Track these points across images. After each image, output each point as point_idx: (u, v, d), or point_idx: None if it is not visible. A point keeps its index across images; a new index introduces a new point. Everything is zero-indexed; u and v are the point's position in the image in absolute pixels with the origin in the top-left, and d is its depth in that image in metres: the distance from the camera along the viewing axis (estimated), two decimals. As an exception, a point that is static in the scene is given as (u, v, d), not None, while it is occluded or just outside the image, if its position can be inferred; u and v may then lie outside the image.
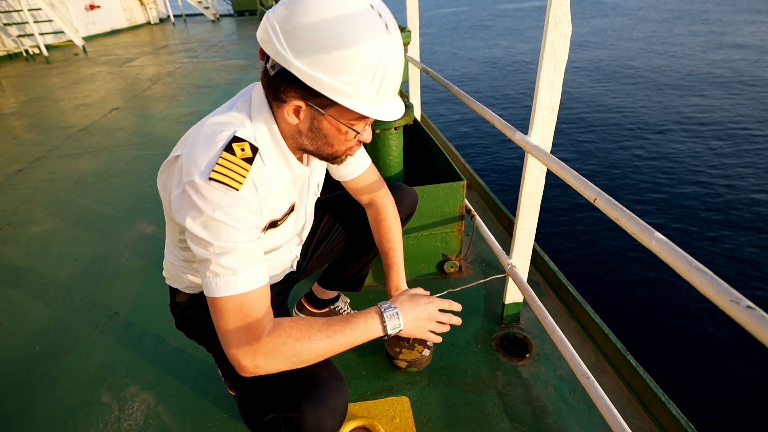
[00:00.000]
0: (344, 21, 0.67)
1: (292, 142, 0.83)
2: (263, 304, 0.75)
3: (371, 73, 0.70)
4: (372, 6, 0.70)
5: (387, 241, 1.13)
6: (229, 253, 0.72)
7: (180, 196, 0.73)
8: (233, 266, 0.72)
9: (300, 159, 0.90)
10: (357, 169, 1.10)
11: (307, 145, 0.82)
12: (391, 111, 0.78)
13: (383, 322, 0.82)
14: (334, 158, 0.85)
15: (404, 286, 1.11)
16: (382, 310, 0.83)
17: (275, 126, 0.81)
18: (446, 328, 0.92)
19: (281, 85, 0.74)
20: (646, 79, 8.00)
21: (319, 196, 1.12)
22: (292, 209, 0.94)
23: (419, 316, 0.87)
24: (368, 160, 1.13)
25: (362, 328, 0.80)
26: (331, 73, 0.69)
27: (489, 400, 1.30)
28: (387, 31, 0.71)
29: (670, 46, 10.64)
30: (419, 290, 0.93)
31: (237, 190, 0.72)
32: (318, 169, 1.02)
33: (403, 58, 0.77)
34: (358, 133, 0.80)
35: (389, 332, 0.83)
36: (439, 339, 0.94)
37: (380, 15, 0.70)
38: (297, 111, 0.76)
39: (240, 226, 0.73)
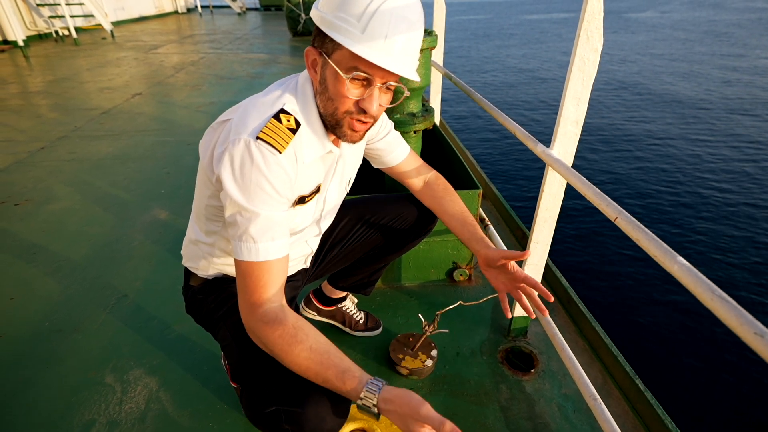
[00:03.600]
0: None
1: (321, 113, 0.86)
2: (274, 276, 0.79)
3: (361, 9, 0.72)
4: None
5: (457, 205, 1.15)
6: (254, 220, 0.77)
7: (225, 151, 0.77)
8: (255, 235, 0.77)
9: (335, 143, 0.92)
10: (399, 156, 1.15)
11: (320, 105, 0.84)
12: (379, 56, 0.73)
13: (358, 404, 0.74)
14: (338, 123, 0.83)
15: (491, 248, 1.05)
16: (359, 402, 0.73)
17: (313, 101, 0.85)
18: None
19: (313, 42, 0.81)
20: (675, 96, 7.88)
21: (347, 192, 1.12)
22: (318, 189, 0.95)
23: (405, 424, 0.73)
24: (408, 147, 1.17)
25: (337, 387, 0.75)
26: (331, 10, 0.75)
27: (491, 413, 1.28)
28: None
29: (702, 64, 10.47)
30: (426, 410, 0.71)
31: (280, 152, 0.77)
32: (349, 157, 1.02)
33: (410, 16, 0.75)
34: (359, 82, 0.78)
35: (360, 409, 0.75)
36: None
37: None
38: (314, 64, 0.82)
39: (272, 193, 0.77)
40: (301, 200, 0.91)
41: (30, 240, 2.13)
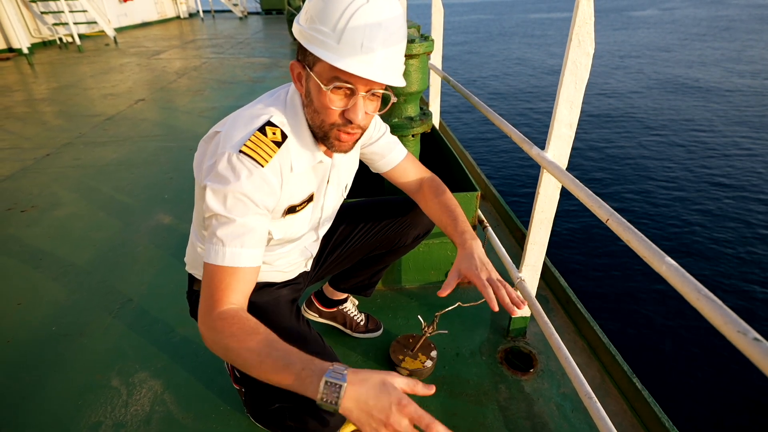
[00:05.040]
0: None
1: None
2: (238, 283, 0.77)
3: (335, 19, 0.72)
4: None
5: (448, 201, 1.12)
6: (227, 225, 0.77)
7: (211, 165, 0.79)
8: (224, 238, 0.77)
9: (326, 153, 0.93)
10: (394, 159, 1.15)
11: (308, 117, 0.85)
12: (356, 65, 0.73)
13: (317, 390, 0.62)
14: (325, 136, 0.84)
15: (471, 234, 1.07)
16: (327, 378, 0.63)
17: (302, 112, 0.87)
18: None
19: (297, 56, 0.83)
20: (674, 95, 7.86)
21: (345, 197, 1.14)
22: (311, 198, 0.96)
23: (370, 414, 0.62)
24: (404, 150, 1.17)
25: (292, 378, 0.65)
26: (308, 22, 0.76)
27: (490, 413, 1.30)
28: None
29: (703, 61, 10.43)
30: (398, 381, 0.65)
31: (263, 166, 0.78)
32: (344, 166, 1.04)
33: (386, 22, 0.74)
34: (341, 92, 0.78)
35: (319, 402, 0.63)
36: None
37: None
38: (300, 77, 0.83)
39: (250, 204, 0.78)
40: (292, 209, 0.92)
41: (36, 246, 2.17)
